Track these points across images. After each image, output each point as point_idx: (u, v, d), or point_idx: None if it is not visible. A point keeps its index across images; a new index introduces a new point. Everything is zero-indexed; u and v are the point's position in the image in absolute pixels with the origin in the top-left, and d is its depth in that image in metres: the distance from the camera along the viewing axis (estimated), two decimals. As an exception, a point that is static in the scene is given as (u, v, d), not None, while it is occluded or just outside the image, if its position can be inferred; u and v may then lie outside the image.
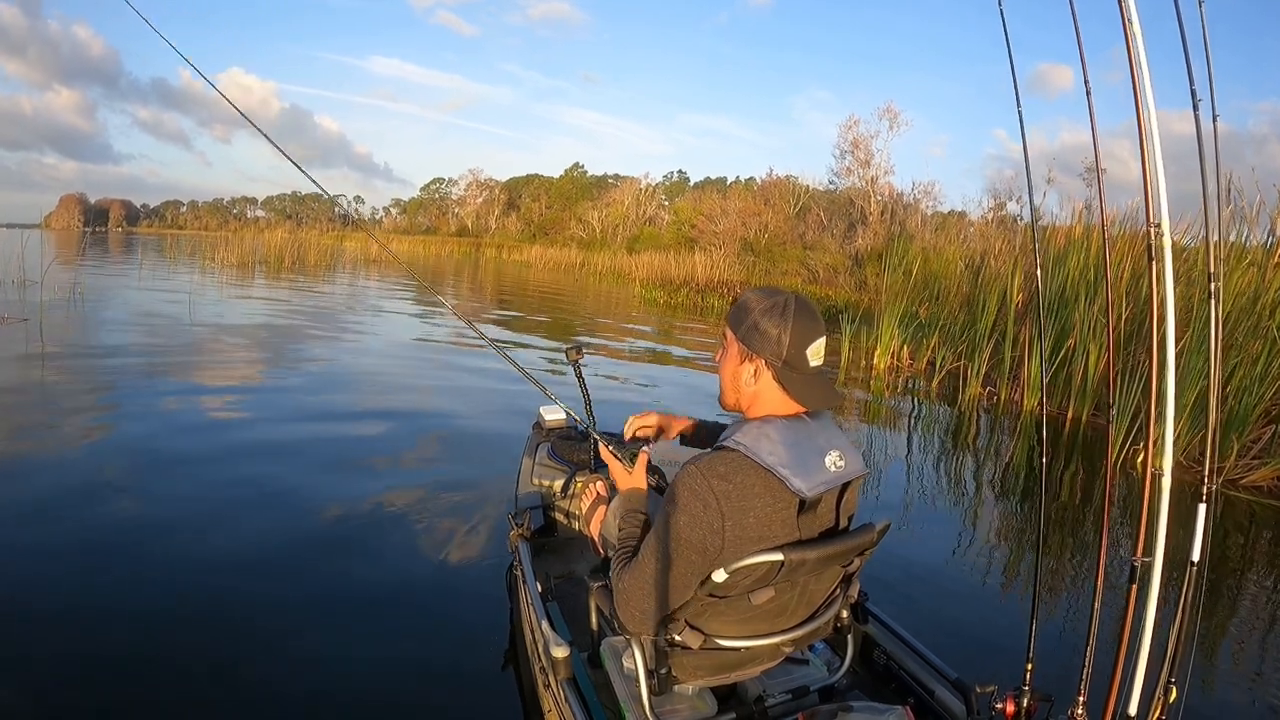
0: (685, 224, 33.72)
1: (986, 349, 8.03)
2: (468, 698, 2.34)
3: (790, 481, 1.34)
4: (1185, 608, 1.44)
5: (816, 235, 26.55)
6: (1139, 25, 1.30)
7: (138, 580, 2.84)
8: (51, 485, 3.69)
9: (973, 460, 5.85)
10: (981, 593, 3.32)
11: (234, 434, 4.83)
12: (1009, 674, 1.73)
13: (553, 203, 52.53)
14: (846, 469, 1.42)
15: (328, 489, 3.94)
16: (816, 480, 1.37)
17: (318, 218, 74.03)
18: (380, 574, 3.08)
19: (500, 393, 6.80)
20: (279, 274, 19.19)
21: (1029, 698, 1.65)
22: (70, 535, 3.14)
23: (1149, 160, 1.34)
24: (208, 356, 7.53)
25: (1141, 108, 1.34)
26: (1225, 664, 2.87)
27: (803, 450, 1.38)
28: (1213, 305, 1.41)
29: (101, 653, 2.35)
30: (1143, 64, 1.32)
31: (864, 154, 26.17)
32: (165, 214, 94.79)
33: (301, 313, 11.73)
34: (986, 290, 8.68)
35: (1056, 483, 5.10)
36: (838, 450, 1.42)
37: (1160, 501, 1.38)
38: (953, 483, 5.30)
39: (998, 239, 10.59)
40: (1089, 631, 1.59)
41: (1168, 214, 1.37)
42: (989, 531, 4.12)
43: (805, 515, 1.40)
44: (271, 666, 2.37)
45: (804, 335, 1.40)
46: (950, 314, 9.37)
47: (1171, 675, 1.44)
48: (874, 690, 1.95)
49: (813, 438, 1.41)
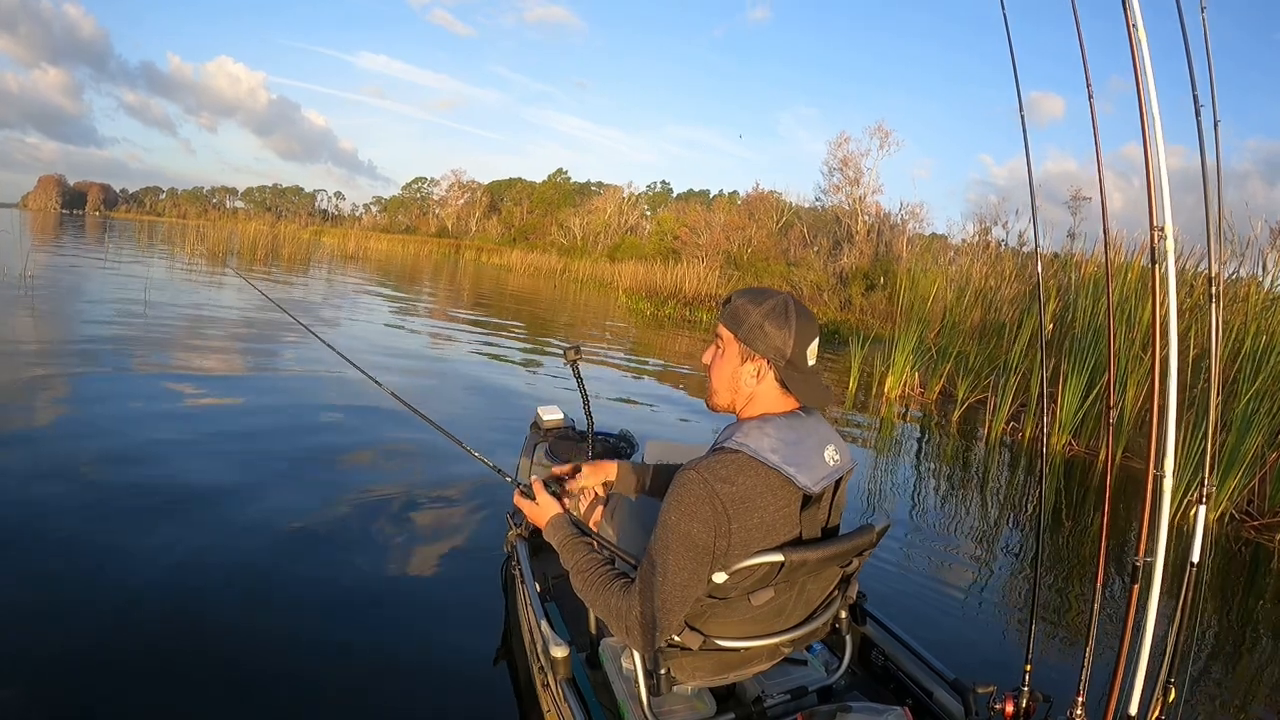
0: (668, 234, 33.82)
1: (1014, 381, 7.58)
2: (463, 698, 2.32)
3: (796, 479, 1.36)
4: (1185, 608, 1.48)
5: (800, 251, 26.75)
6: (1143, 30, 1.33)
7: (127, 578, 2.76)
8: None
9: (970, 460, 5.88)
10: (980, 593, 3.35)
11: (216, 426, 4.72)
12: (1008, 674, 1.75)
13: (534, 207, 52.45)
14: (842, 462, 1.47)
15: (321, 487, 3.88)
16: (818, 475, 1.40)
17: (297, 211, 73.24)
18: (375, 573, 3.05)
19: (497, 392, 6.76)
20: (250, 266, 18.87)
21: (1028, 698, 1.66)
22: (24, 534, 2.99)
23: (1153, 163, 1.36)
24: (168, 345, 7.24)
25: (1145, 109, 1.37)
26: (1225, 664, 2.91)
27: (804, 446, 1.40)
28: (1213, 311, 1.45)
29: (93, 652, 2.29)
30: (1147, 66, 1.36)
31: (853, 172, 26.32)
32: (144, 200, 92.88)
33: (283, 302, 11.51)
34: (1005, 319, 8.39)
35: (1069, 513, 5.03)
36: (833, 444, 1.46)
37: (1161, 503, 1.41)
38: (953, 484, 5.37)
39: (1008, 266, 10.02)
40: (1088, 632, 1.61)
41: (1170, 217, 1.40)
42: (988, 532, 4.15)
43: (808, 511, 1.42)
44: (266, 666, 2.33)
45: (805, 335, 1.43)
46: (966, 343, 8.90)
47: (1171, 675, 1.47)
48: (872, 691, 1.96)
49: (811, 433, 1.44)
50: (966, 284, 9.78)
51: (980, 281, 9.81)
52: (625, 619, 1.45)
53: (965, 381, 8.26)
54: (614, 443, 2.95)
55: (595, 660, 1.92)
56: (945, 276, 10.20)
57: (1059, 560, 3.75)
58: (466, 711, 2.27)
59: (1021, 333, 7.81)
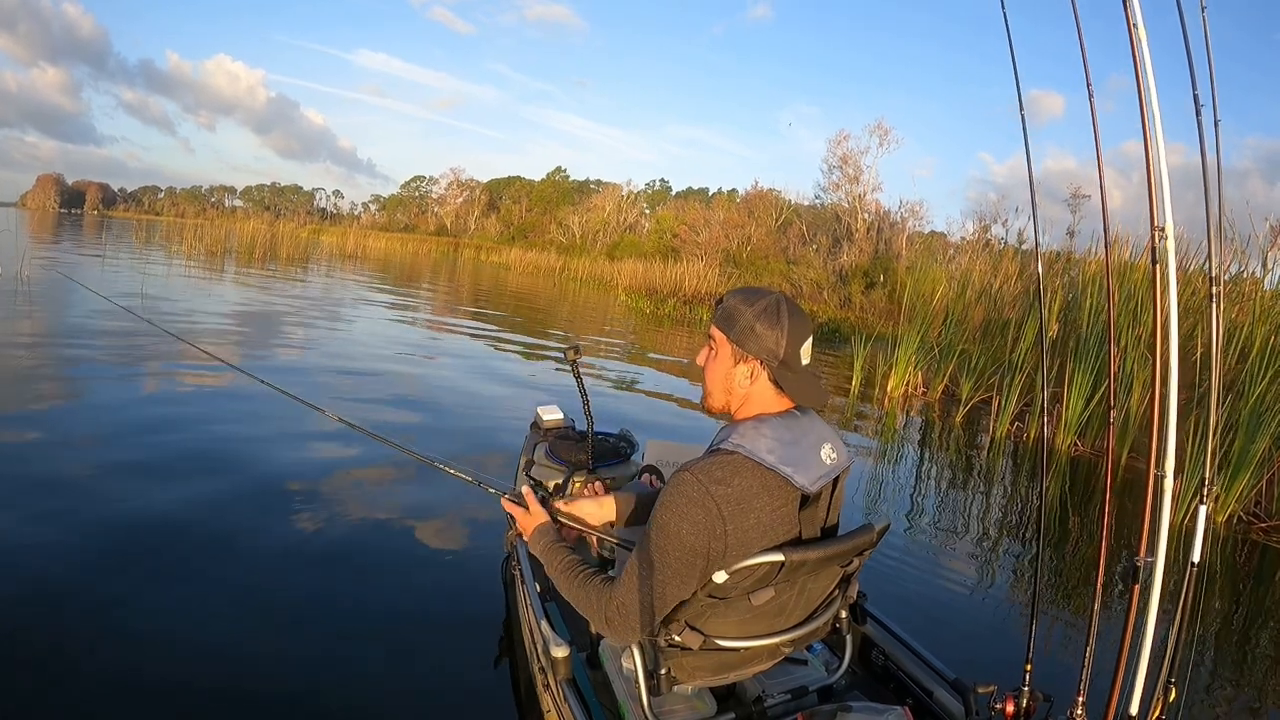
0: (667, 233, 33.79)
1: (1019, 381, 7.46)
2: (463, 697, 2.32)
3: (794, 479, 1.36)
4: (1185, 608, 1.48)
5: (799, 249, 26.74)
6: (1143, 28, 1.32)
7: (124, 578, 2.77)
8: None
9: (973, 461, 5.86)
10: (980, 593, 3.34)
11: (212, 431, 4.70)
12: (1008, 674, 1.74)
13: (533, 206, 52.37)
14: (839, 460, 1.46)
15: (319, 488, 3.87)
16: (816, 474, 1.40)
17: (296, 210, 73.23)
18: (375, 573, 3.05)
19: (495, 391, 6.76)
20: (249, 265, 18.84)
21: (1028, 698, 1.66)
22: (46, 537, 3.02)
23: (1154, 163, 1.35)
24: (164, 347, 7.10)
25: (1145, 107, 1.36)
26: (1228, 664, 2.91)
27: (801, 446, 1.40)
28: (1214, 309, 1.45)
29: (96, 665, 2.27)
30: (1147, 66, 1.35)
31: (853, 169, 26.28)
32: (143, 199, 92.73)
33: (277, 303, 11.53)
34: (1009, 317, 8.30)
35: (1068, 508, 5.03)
36: (829, 443, 1.46)
37: (1162, 502, 1.41)
38: (955, 484, 5.37)
39: (1010, 264, 9.81)
40: (1089, 631, 1.61)
41: (1171, 217, 1.39)
42: (988, 532, 4.14)
43: (806, 510, 1.42)
44: (266, 666, 2.33)
45: (798, 335, 1.43)
46: (970, 342, 8.75)
47: (1171, 675, 1.47)
48: (873, 691, 1.96)
49: (808, 433, 1.44)
50: (967, 282, 9.67)
51: (981, 280, 9.68)
52: (604, 610, 1.46)
53: (969, 381, 8.17)
54: (614, 442, 2.94)
55: (596, 660, 1.92)
56: (946, 274, 10.11)
57: (1062, 560, 3.74)
58: (467, 712, 2.27)
59: (1025, 332, 7.70)
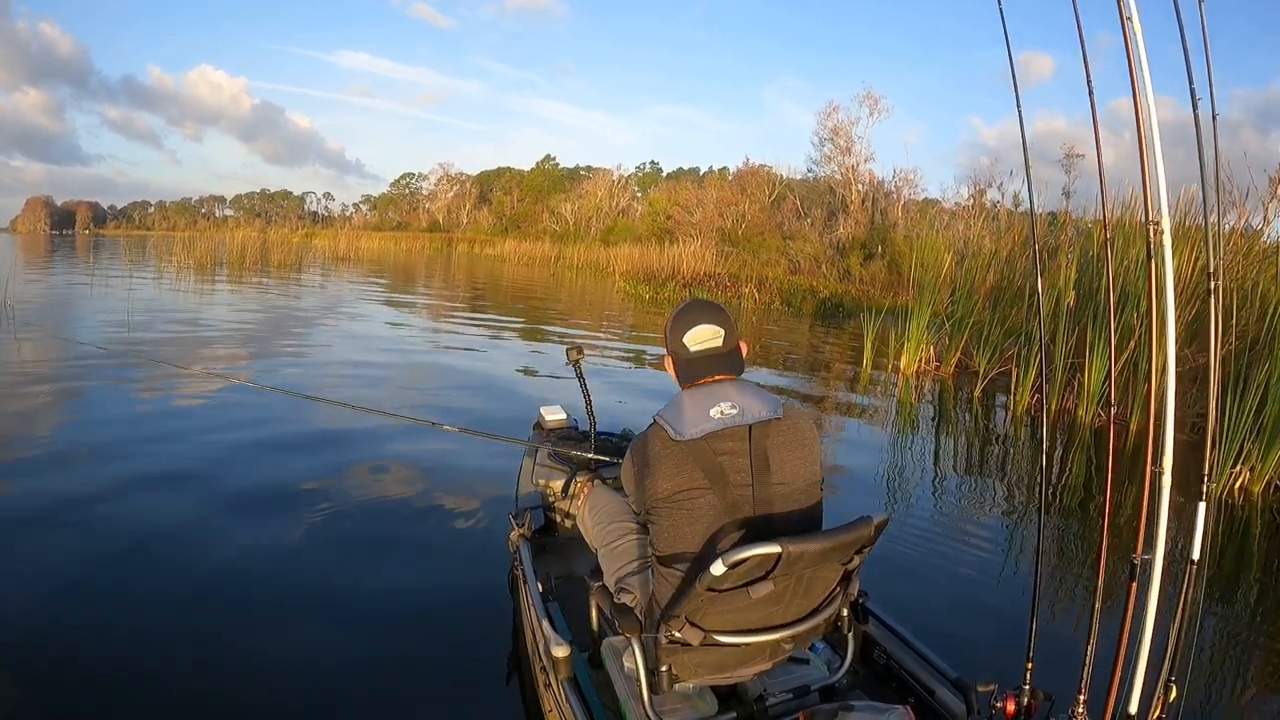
0: (660, 215, 33.61)
1: (1036, 352, 6.89)
2: (469, 697, 2.35)
3: (669, 431, 1.63)
4: (1185, 606, 1.46)
5: (794, 224, 26.61)
6: (1139, 26, 1.30)
7: (128, 586, 2.81)
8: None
9: (974, 460, 5.80)
10: (981, 592, 3.33)
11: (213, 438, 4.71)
12: (1009, 673, 1.74)
13: (524, 196, 52.10)
14: (740, 415, 1.63)
15: (321, 490, 3.90)
16: (697, 428, 1.61)
17: (287, 215, 73.08)
18: (380, 573, 3.07)
19: (495, 391, 6.75)
20: (240, 275, 18.81)
21: (1029, 696, 1.67)
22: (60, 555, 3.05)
23: (1148, 160, 1.35)
24: (154, 363, 7.07)
25: (1141, 108, 1.35)
26: (1225, 663, 2.90)
27: (695, 408, 1.64)
28: (1212, 304, 1.43)
29: (102, 663, 2.33)
30: (1143, 63, 1.33)
31: (844, 141, 26.05)
32: (133, 215, 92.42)
33: (270, 311, 11.52)
34: (1021, 285, 7.99)
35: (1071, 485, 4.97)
36: (728, 402, 1.64)
37: (1161, 500, 1.39)
38: (961, 471, 5.35)
39: (1016, 228, 9.38)
40: (1089, 630, 1.60)
41: (1167, 212, 1.38)
42: (988, 530, 4.10)
43: (701, 453, 1.60)
44: (273, 667, 2.36)
45: (681, 328, 1.72)
46: (981, 312, 8.36)
47: (1172, 674, 1.45)
48: (874, 690, 1.96)
49: (709, 398, 1.66)
50: (973, 249, 9.40)
51: (981, 245, 9.45)
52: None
53: (984, 354, 7.93)
54: (616, 442, 2.92)
55: (597, 660, 1.94)
56: (947, 242, 9.84)
57: (1065, 556, 3.70)
58: (471, 711, 2.30)
59: (1043, 300, 7.51)
